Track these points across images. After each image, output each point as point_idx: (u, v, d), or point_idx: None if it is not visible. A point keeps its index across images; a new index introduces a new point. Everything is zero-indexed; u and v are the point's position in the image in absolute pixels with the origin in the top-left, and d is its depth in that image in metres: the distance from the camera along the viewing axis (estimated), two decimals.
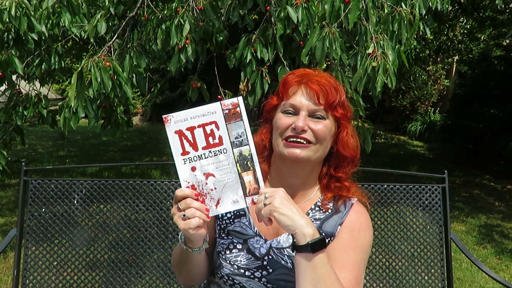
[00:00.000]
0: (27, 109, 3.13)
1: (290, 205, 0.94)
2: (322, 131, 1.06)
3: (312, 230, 0.93)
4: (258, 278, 1.08)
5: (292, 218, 0.93)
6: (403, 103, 11.03)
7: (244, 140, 0.97)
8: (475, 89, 7.81)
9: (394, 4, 2.33)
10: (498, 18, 6.50)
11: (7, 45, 2.65)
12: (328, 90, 1.06)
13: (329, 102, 1.06)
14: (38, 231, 1.85)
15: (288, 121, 1.06)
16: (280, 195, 0.95)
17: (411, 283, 1.93)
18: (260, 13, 2.97)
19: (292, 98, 1.08)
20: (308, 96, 1.07)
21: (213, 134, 0.96)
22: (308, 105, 1.06)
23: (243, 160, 0.97)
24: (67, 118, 2.48)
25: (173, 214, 0.96)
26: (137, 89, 3.26)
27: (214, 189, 0.97)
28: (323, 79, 1.08)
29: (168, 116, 0.96)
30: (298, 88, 1.08)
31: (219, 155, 0.97)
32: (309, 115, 1.06)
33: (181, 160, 0.97)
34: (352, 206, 1.13)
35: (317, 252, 0.93)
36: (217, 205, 0.98)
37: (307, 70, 1.13)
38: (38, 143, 8.98)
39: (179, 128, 0.96)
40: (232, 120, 0.96)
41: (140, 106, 13.77)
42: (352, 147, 1.12)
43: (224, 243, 1.13)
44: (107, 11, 2.96)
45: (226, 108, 0.96)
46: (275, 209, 0.93)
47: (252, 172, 0.97)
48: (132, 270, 1.88)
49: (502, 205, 5.60)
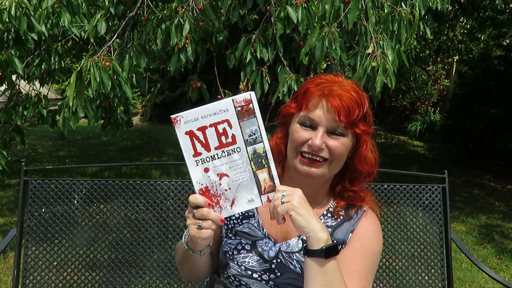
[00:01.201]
0: (27, 109, 3.14)
1: (308, 207, 0.93)
2: (339, 149, 1.02)
3: (326, 236, 0.93)
4: (265, 281, 1.07)
5: (309, 220, 0.91)
6: (403, 103, 11.02)
7: (258, 137, 0.92)
8: (475, 89, 7.81)
9: (394, 4, 2.33)
10: (498, 18, 6.49)
11: (7, 45, 2.65)
12: (351, 107, 0.99)
13: (350, 120, 1.00)
14: (38, 231, 1.84)
15: (305, 136, 1.02)
16: (299, 195, 0.93)
17: (411, 283, 1.93)
18: (260, 13, 2.97)
19: (311, 112, 1.01)
20: (328, 112, 1.00)
21: (226, 133, 0.92)
22: (328, 122, 1.01)
23: (258, 158, 0.93)
24: (66, 118, 2.48)
25: (186, 217, 0.94)
26: (137, 89, 3.27)
27: (228, 189, 0.94)
28: (346, 93, 1.00)
29: (178, 117, 0.91)
30: (319, 101, 1.01)
31: (233, 155, 0.93)
32: (328, 131, 1.02)
33: (193, 162, 0.93)
34: (364, 213, 1.12)
35: (330, 258, 0.92)
36: (232, 205, 0.95)
37: (329, 79, 1.06)
38: (38, 143, 8.97)
39: (190, 128, 0.91)
40: (245, 117, 0.91)
41: (140, 106, 13.76)
42: (370, 162, 1.08)
43: (231, 243, 1.12)
44: (107, 11, 2.96)
45: (238, 105, 0.91)
46: (293, 208, 0.91)
47: (267, 169, 0.94)
48: (132, 270, 1.88)
49: (502, 205, 5.60)
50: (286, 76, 2.43)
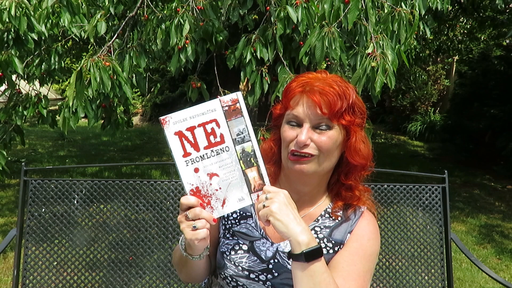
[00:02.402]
0: (27, 109, 3.14)
1: (288, 211, 0.92)
2: (326, 143, 1.01)
3: (307, 239, 0.92)
4: (262, 281, 1.07)
5: (287, 225, 0.91)
6: (403, 103, 11.03)
7: (246, 136, 0.94)
8: (475, 89, 7.82)
9: (394, 4, 2.33)
10: (498, 18, 6.50)
11: (7, 45, 2.65)
12: (331, 99, 0.99)
13: (333, 111, 1.00)
14: (38, 231, 1.85)
15: (292, 134, 1.03)
16: (280, 199, 0.92)
17: (411, 283, 1.93)
18: (260, 13, 2.97)
19: (294, 109, 1.03)
20: (309, 107, 1.01)
21: (214, 132, 0.93)
22: (311, 117, 1.01)
23: (246, 157, 0.95)
24: (66, 118, 2.48)
25: (180, 222, 0.94)
26: (137, 89, 3.27)
27: (219, 189, 0.95)
28: (326, 86, 1.00)
29: (166, 118, 0.92)
30: (300, 98, 1.02)
31: (222, 154, 0.94)
32: (313, 127, 1.02)
33: (183, 162, 0.93)
34: (362, 214, 1.12)
35: (312, 261, 0.91)
36: (223, 205, 0.95)
37: (311, 76, 1.06)
38: (38, 143, 8.97)
39: (179, 129, 0.93)
40: (233, 117, 0.93)
41: (140, 106, 13.76)
42: (362, 154, 1.07)
43: (229, 243, 1.12)
44: (107, 11, 2.96)
45: (225, 105, 0.93)
46: (271, 214, 0.91)
47: (256, 168, 0.95)
48: (132, 270, 1.88)
49: (502, 205, 5.60)
50: (286, 76, 2.43)
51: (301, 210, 1.11)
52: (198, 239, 0.92)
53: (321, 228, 1.10)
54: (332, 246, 1.08)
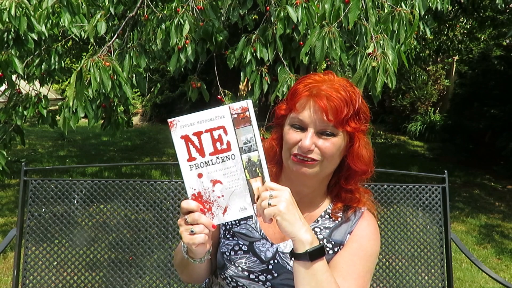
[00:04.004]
0: (27, 109, 3.14)
1: (294, 211, 0.93)
2: (330, 149, 1.01)
3: (311, 238, 0.92)
4: (262, 281, 1.07)
5: (293, 225, 0.91)
6: (403, 103, 11.02)
7: (253, 145, 0.92)
8: (475, 89, 7.82)
9: (394, 4, 2.33)
10: (498, 18, 6.50)
11: (7, 45, 2.65)
12: (338, 106, 0.98)
13: (339, 118, 0.99)
14: (38, 231, 1.85)
15: (295, 138, 1.02)
16: (287, 199, 0.92)
17: (411, 283, 1.93)
18: (260, 13, 2.97)
19: (300, 113, 1.01)
20: (316, 113, 1.00)
21: (221, 139, 0.92)
22: (316, 123, 1.00)
23: (252, 166, 0.93)
24: (66, 118, 2.48)
25: (179, 225, 0.94)
26: (137, 89, 3.27)
27: (221, 196, 0.94)
28: (333, 91, 0.99)
29: (174, 120, 0.92)
30: (307, 102, 1.01)
31: (227, 161, 0.93)
32: (318, 132, 1.01)
33: (187, 166, 0.93)
34: (362, 214, 1.12)
35: (316, 260, 0.92)
36: (224, 213, 0.94)
37: (318, 78, 1.05)
38: (38, 143, 8.97)
39: (185, 133, 0.92)
40: (241, 125, 0.92)
41: (140, 106, 13.76)
42: (364, 161, 1.06)
43: (229, 244, 1.12)
44: (107, 11, 2.96)
45: (235, 113, 0.92)
46: (279, 213, 0.91)
47: (260, 178, 0.93)
48: (132, 270, 1.88)
49: (502, 205, 5.60)
50: (286, 76, 2.43)
51: (302, 211, 1.11)
52: (195, 243, 0.92)
53: (321, 229, 1.10)
54: (332, 246, 1.08)
